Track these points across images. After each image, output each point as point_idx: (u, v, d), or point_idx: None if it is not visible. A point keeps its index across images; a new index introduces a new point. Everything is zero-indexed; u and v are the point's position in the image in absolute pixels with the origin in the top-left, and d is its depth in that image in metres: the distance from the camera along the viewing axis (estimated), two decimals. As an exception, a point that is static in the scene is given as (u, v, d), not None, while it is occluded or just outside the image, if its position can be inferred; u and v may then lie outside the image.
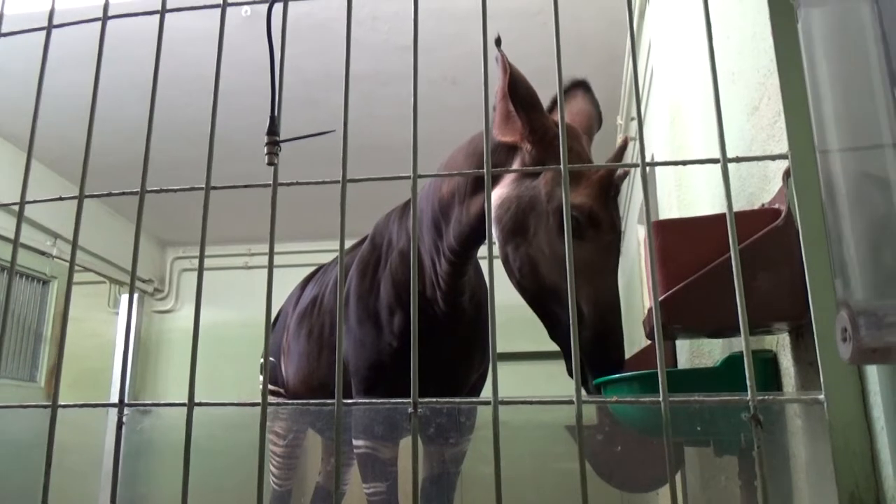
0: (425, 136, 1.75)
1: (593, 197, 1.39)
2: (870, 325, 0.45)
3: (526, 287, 1.47)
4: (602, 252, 1.40)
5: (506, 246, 1.48)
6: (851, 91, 0.66)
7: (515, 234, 1.46)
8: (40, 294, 4.61)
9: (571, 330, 0.77)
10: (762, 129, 1.19)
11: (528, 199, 1.45)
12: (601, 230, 1.39)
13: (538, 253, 1.42)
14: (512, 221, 1.46)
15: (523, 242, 1.45)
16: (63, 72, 2.76)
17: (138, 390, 5.83)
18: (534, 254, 1.43)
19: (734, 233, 0.72)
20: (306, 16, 3.19)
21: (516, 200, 1.47)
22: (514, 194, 1.48)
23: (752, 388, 0.68)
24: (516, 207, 1.46)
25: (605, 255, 1.41)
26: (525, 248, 1.45)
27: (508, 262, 1.49)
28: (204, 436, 1.35)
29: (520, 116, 1.45)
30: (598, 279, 1.38)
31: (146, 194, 0.89)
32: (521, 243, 1.46)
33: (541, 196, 1.43)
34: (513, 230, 1.46)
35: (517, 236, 1.46)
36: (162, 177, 0.98)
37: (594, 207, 1.39)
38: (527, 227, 1.45)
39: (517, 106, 1.45)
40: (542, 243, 1.42)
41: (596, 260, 1.39)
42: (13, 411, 0.97)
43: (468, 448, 1.96)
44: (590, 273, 1.36)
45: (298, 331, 2.29)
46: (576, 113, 1.69)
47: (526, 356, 4.84)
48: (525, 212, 1.45)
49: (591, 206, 1.38)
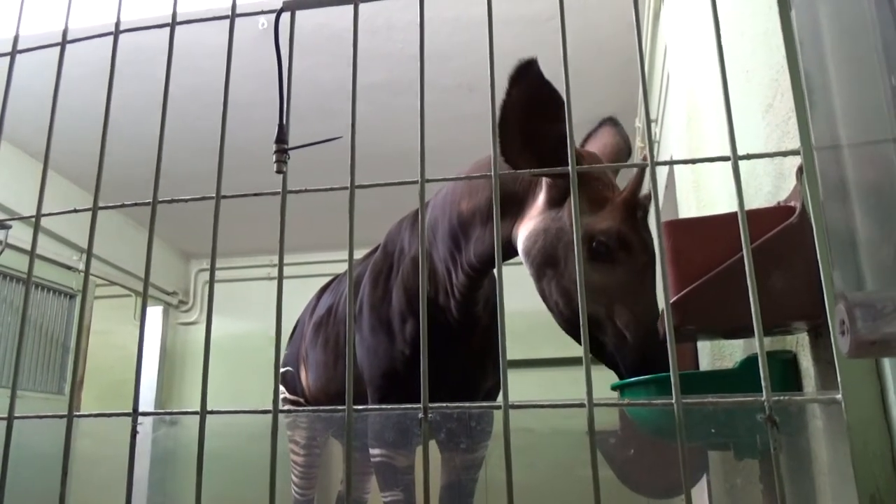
0: (442, 144, 1.76)
1: (620, 220, 1.37)
2: (866, 317, 0.44)
3: (566, 319, 1.45)
4: (637, 274, 1.38)
5: (540, 281, 1.48)
6: (852, 85, 0.65)
7: (547, 267, 1.45)
8: (67, 308, 4.69)
9: (582, 331, 0.76)
10: (777, 126, 1.17)
11: (554, 231, 1.44)
12: (633, 252, 1.37)
13: (571, 284, 1.40)
14: (541, 255, 1.46)
15: (555, 275, 1.44)
16: (86, 88, 2.81)
17: (164, 401, 5.90)
18: (567, 285, 1.42)
19: (746, 231, 0.70)
20: (322, 27, 3.22)
21: (543, 234, 1.46)
22: (540, 227, 1.47)
23: (766, 389, 0.66)
24: (543, 240, 1.45)
25: (641, 278, 1.38)
26: (558, 281, 1.44)
27: (545, 296, 1.48)
28: (227, 446, 1.36)
29: None
30: (636, 302, 1.36)
31: (159, 205, 0.90)
32: (553, 276, 1.45)
33: (566, 226, 1.42)
34: (543, 263, 1.46)
35: (549, 269, 1.45)
36: (184, 189, 0.99)
37: (622, 230, 1.37)
38: (557, 260, 1.44)
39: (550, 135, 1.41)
40: (574, 273, 1.40)
41: (631, 282, 1.37)
42: (36, 423, 0.99)
43: (485, 454, 1.95)
44: (626, 296, 1.35)
45: (315, 340, 2.31)
46: (603, 145, 1.70)
47: (550, 362, 4.82)
48: (553, 244, 1.44)
49: (618, 229, 1.37)
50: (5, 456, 0.85)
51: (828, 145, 0.70)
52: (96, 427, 2.40)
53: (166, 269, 6.02)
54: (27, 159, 4.25)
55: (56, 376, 4.53)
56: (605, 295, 1.36)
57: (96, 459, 2.24)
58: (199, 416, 0.81)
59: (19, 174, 4.15)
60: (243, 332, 5.57)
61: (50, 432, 0.97)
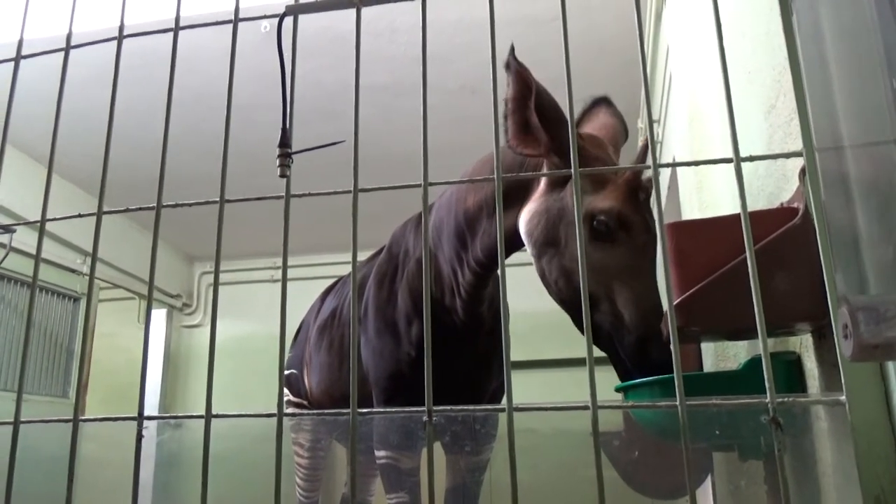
0: (445, 146, 1.76)
1: (621, 200, 1.38)
2: (869, 321, 0.43)
3: (564, 299, 1.46)
4: (637, 254, 1.38)
5: (540, 260, 1.48)
6: (853, 85, 0.65)
7: (548, 246, 1.46)
8: (71, 311, 4.70)
9: (586, 330, 0.76)
10: (779, 127, 1.17)
11: (556, 211, 1.46)
12: (633, 232, 1.38)
13: (572, 263, 1.41)
14: (543, 235, 1.47)
15: (556, 254, 1.45)
16: (90, 92, 2.82)
17: (169, 404, 5.90)
18: (567, 264, 1.43)
19: (749, 232, 0.70)
20: (325, 30, 3.23)
21: (545, 213, 1.47)
22: (542, 208, 1.48)
23: (770, 390, 0.66)
24: (546, 220, 1.46)
25: (641, 257, 1.39)
26: (559, 260, 1.44)
27: (545, 275, 1.48)
28: (232, 448, 1.36)
29: (546, 131, 1.44)
30: (636, 282, 1.36)
31: (164, 209, 0.90)
32: (553, 255, 1.45)
33: (568, 206, 1.43)
34: (545, 243, 1.47)
35: (550, 248, 1.46)
36: (188, 192, 1.00)
37: (623, 210, 1.37)
38: (557, 239, 1.45)
39: (543, 122, 1.43)
40: (575, 253, 1.41)
41: (631, 262, 1.37)
42: (42, 427, 0.99)
43: (489, 457, 1.95)
44: (626, 276, 1.35)
45: (319, 343, 2.31)
46: (601, 126, 1.69)
47: (554, 363, 4.82)
48: (554, 224, 1.45)
49: (619, 209, 1.37)
50: (11, 460, 0.85)
51: (830, 146, 0.70)
52: (101, 431, 2.41)
53: (170, 273, 6.04)
54: (32, 163, 4.26)
55: (61, 380, 4.54)
56: (605, 274, 1.36)
57: (102, 463, 2.25)
58: (205, 419, 0.81)
59: (24, 178, 4.15)
60: (247, 335, 5.58)
61: (55, 436, 0.98)
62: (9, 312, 4.19)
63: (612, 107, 1.75)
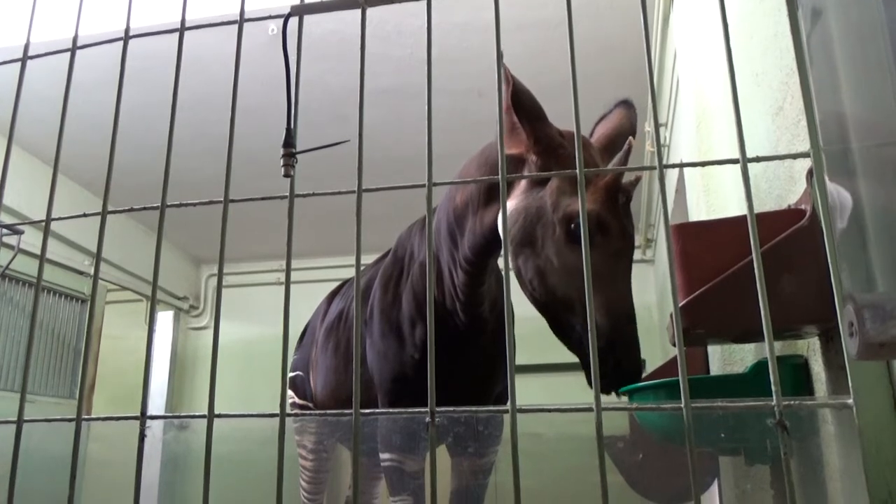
0: (450, 148, 1.77)
1: (600, 203, 1.36)
2: (875, 319, 0.43)
3: (538, 298, 1.45)
4: (612, 259, 1.37)
5: (517, 258, 1.47)
6: (861, 87, 0.65)
7: (524, 246, 1.45)
8: (79, 313, 4.72)
9: (590, 336, 0.75)
10: (787, 128, 1.17)
11: (535, 210, 1.44)
12: (610, 237, 1.36)
13: (547, 263, 1.40)
14: (521, 233, 1.45)
15: (532, 254, 1.44)
16: (96, 93, 2.82)
17: (175, 405, 5.91)
18: (542, 265, 1.42)
19: (755, 234, 0.70)
20: (332, 33, 3.23)
21: (524, 212, 1.46)
22: (521, 206, 1.47)
23: (776, 393, 0.66)
24: (524, 219, 1.45)
25: (616, 263, 1.37)
26: (534, 260, 1.43)
27: (520, 274, 1.47)
28: (236, 450, 1.36)
29: (524, 128, 1.45)
30: (609, 287, 1.34)
31: (170, 211, 0.90)
32: (530, 255, 1.44)
33: (547, 206, 1.42)
34: (521, 242, 1.45)
35: (526, 248, 1.45)
36: (194, 194, 1.00)
37: (601, 213, 1.36)
38: (535, 239, 1.43)
39: (521, 118, 1.44)
40: (550, 253, 1.40)
41: (605, 268, 1.35)
42: (47, 427, 0.99)
43: (494, 460, 1.94)
44: (599, 281, 1.34)
45: (325, 345, 2.31)
46: (610, 128, 1.68)
47: (559, 367, 4.79)
48: (532, 223, 1.44)
49: (598, 211, 1.35)
50: (14, 459, 0.85)
51: (837, 148, 0.69)
52: (106, 431, 2.41)
53: (177, 275, 6.05)
54: (38, 164, 4.29)
55: (68, 381, 4.56)
56: (579, 277, 1.35)
57: (106, 463, 2.25)
58: (207, 419, 0.81)
59: (30, 179, 4.18)
60: (253, 337, 5.58)
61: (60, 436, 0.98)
62: (17, 313, 4.21)
63: (630, 109, 1.72)
